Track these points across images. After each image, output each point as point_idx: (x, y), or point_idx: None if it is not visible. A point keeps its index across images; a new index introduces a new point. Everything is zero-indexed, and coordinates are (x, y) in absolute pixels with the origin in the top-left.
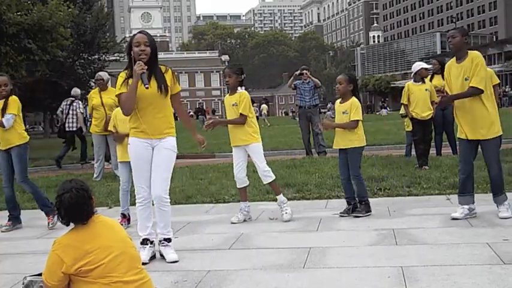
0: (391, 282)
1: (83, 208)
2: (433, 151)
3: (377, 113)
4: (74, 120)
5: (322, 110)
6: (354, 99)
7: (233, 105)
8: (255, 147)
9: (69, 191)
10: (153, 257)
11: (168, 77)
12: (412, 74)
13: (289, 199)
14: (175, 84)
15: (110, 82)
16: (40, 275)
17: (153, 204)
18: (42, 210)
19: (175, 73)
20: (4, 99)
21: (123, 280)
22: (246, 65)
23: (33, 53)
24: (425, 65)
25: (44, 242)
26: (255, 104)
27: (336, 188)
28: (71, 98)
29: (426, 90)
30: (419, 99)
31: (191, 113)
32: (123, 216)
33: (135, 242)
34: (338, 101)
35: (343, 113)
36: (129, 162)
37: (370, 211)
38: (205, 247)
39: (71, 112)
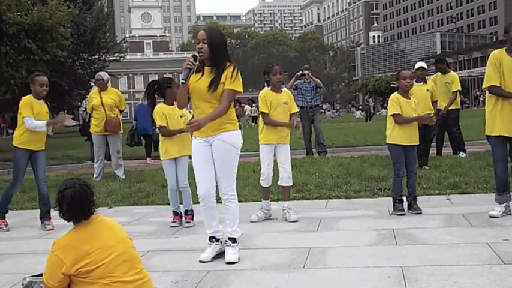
0: (391, 282)
1: (85, 203)
2: (433, 151)
3: (377, 113)
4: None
5: (322, 110)
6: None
7: (284, 103)
8: (288, 148)
9: (72, 186)
10: (219, 254)
11: (226, 73)
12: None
13: (289, 199)
14: (228, 80)
15: (109, 82)
16: (40, 275)
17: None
18: (45, 213)
19: (237, 72)
20: (44, 100)
21: (123, 280)
22: (246, 65)
23: (33, 53)
24: (424, 65)
25: (44, 242)
26: (255, 104)
27: (336, 188)
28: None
29: (427, 90)
30: (420, 99)
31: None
32: (175, 214)
33: (138, 242)
34: (400, 96)
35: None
36: (174, 159)
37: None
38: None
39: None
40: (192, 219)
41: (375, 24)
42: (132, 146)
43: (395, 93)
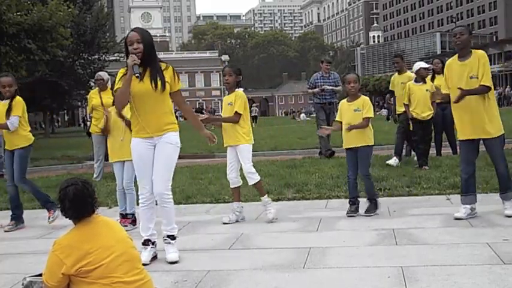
0: (391, 282)
1: (87, 201)
2: (433, 151)
3: (377, 113)
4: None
5: None
6: (364, 97)
7: (229, 104)
8: (243, 148)
9: (74, 183)
10: (154, 258)
11: (168, 74)
12: (413, 74)
13: (289, 199)
14: (175, 81)
15: (109, 82)
16: (40, 275)
17: (156, 204)
18: (44, 206)
19: (176, 71)
20: (9, 101)
21: (124, 281)
22: (246, 65)
23: (33, 53)
24: (424, 65)
25: (44, 242)
26: (254, 104)
27: (336, 188)
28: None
29: (427, 90)
30: (419, 99)
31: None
32: (122, 216)
33: (138, 242)
34: (344, 101)
35: (355, 110)
36: (122, 161)
37: (377, 209)
38: (205, 247)
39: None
40: (132, 223)
41: (375, 24)
42: None
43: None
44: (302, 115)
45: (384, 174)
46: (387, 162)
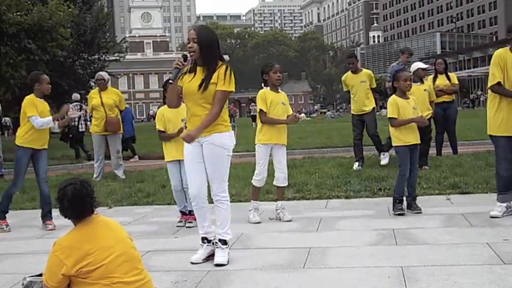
0: (391, 282)
1: (86, 200)
2: (433, 151)
3: (377, 113)
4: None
5: (322, 110)
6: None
7: (282, 103)
8: (284, 148)
9: (72, 183)
10: (210, 256)
11: (217, 73)
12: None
13: (289, 199)
14: (221, 80)
15: (109, 82)
16: (40, 275)
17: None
18: (46, 213)
19: (230, 72)
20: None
21: (124, 281)
22: (246, 65)
23: (33, 53)
24: (422, 65)
25: (44, 242)
26: (254, 104)
27: (336, 188)
28: (78, 103)
29: (425, 90)
30: (418, 99)
31: None
32: (183, 213)
33: (138, 242)
34: (399, 98)
35: (414, 108)
36: (178, 161)
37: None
38: None
39: (81, 116)
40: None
41: (375, 24)
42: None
43: (394, 95)
44: (302, 115)
45: (384, 174)
46: (381, 163)
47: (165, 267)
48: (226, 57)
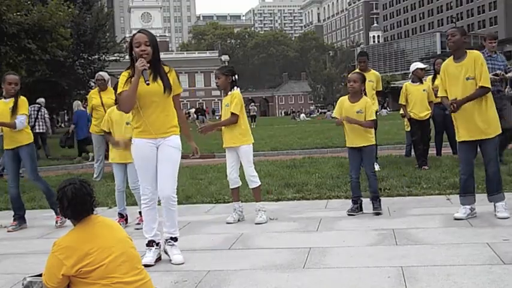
0: (391, 282)
1: (86, 199)
2: (433, 151)
3: (377, 113)
4: (42, 123)
5: (322, 111)
6: (366, 98)
7: (226, 106)
8: (244, 150)
9: (72, 183)
10: (158, 259)
11: (172, 77)
12: (410, 75)
13: (289, 199)
14: (177, 85)
15: (109, 82)
16: (40, 275)
17: (159, 204)
18: (52, 208)
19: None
20: (14, 99)
21: (124, 281)
22: (246, 65)
23: (33, 53)
24: (421, 65)
25: (44, 242)
26: (253, 103)
27: (336, 188)
28: (38, 105)
29: (424, 90)
30: (417, 99)
31: (189, 112)
32: (121, 216)
33: (137, 242)
34: (345, 98)
35: (358, 112)
36: (124, 163)
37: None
38: (205, 247)
39: (39, 117)
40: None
41: (375, 24)
42: (64, 148)
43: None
44: (302, 115)
45: (384, 174)
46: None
47: (165, 267)
48: (226, 57)
